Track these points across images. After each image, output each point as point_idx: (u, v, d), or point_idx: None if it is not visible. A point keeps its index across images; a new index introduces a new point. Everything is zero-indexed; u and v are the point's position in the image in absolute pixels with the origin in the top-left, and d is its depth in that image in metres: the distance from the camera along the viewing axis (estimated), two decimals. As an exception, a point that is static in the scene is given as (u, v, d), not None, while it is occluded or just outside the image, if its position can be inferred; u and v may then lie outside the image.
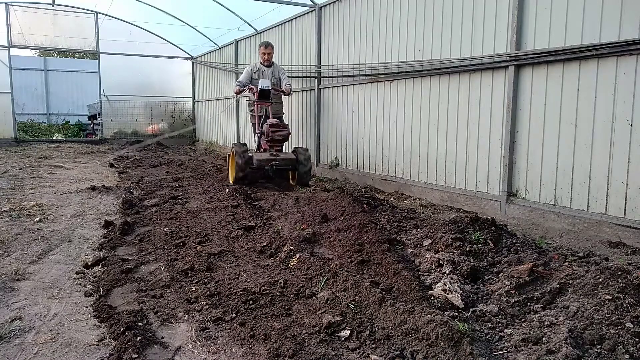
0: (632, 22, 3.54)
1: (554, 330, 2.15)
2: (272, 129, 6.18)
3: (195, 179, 7.10)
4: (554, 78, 4.16)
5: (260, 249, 3.64)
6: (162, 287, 3.04)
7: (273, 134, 6.19)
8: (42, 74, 18.80)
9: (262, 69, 7.12)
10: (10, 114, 12.42)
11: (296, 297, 2.77)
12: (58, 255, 3.72)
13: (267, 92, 6.57)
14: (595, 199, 3.88)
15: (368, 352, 2.20)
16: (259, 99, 6.63)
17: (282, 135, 6.26)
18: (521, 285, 2.64)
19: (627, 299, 2.23)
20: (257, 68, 7.14)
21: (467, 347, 2.02)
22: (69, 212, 5.11)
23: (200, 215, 4.73)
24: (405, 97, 5.89)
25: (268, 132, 6.18)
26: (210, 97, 13.19)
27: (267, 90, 6.54)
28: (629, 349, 1.98)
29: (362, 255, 3.13)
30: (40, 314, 2.69)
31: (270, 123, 6.23)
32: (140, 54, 13.81)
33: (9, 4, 12.19)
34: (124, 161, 9.75)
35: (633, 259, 3.27)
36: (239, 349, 2.28)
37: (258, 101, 6.70)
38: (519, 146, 4.49)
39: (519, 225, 4.34)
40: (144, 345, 2.28)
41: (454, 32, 5.09)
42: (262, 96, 6.58)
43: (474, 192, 4.96)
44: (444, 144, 5.35)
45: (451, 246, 3.16)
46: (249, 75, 7.08)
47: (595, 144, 3.86)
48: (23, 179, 7.00)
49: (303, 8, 7.95)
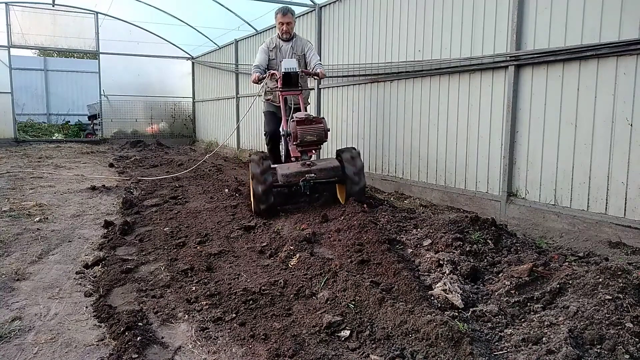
0: (632, 22, 3.54)
1: (554, 330, 2.15)
2: (300, 127, 4.41)
3: (195, 179, 7.10)
4: (554, 78, 4.16)
5: (260, 249, 3.64)
6: (162, 287, 3.04)
7: (303, 133, 4.42)
8: (42, 74, 18.82)
9: (279, 45, 5.40)
10: (10, 114, 12.42)
11: (296, 297, 2.77)
12: (58, 255, 3.72)
13: (294, 76, 4.80)
14: (595, 199, 3.88)
15: (368, 352, 2.20)
16: (283, 86, 4.85)
17: (317, 134, 4.48)
18: (521, 285, 2.64)
19: (627, 299, 2.23)
20: (274, 44, 5.42)
21: (467, 347, 2.02)
22: (69, 212, 5.11)
23: (200, 215, 4.73)
24: (405, 97, 5.89)
25: (296, 133, 4.43)
26: (210, 97, 13.19)
27: (294, 74, 4.77)
28: (629, 349, 1.98)
29: (362, 255, 3.13)
30: (40, 314, 2.69)
31: (297, 119, 4.45)
32: (140, 54, 13.81)
33: (9, 4, 12.19)
34: (124, 161, 9.75)
35: (633, 259, 3.27)
36: (239, 349, 2.28)
37: (283, 90, 4.88)
38: (519, 146, 4.49)
39: (519, 225, 4.34)
40: (144, 345, 2.28)
41: (454, 32, 5.09)
42: (288, 82, 4.81)
43: (474, 192, 4.96)
44: (444, 144, 5.35)
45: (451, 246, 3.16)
46: (265, 56, 5.38)
47: (595, 144, 3.86)
48: (23, 179, 7.00)
49: (303, 8, 7.95)
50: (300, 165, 4.38)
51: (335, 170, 4.42)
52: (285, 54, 5.36)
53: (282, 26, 5.34)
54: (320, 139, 4.52)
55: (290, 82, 4.81)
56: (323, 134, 4.50)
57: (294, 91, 4.94)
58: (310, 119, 4.49)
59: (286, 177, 4.30)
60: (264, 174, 4.33)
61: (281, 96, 4.96)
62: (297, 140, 4.44)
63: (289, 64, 4.77)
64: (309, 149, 4.59)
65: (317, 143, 4.56)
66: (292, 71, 4.71)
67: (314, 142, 4.51)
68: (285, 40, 5.40)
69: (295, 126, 4.42)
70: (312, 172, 4.30)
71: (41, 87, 18.85)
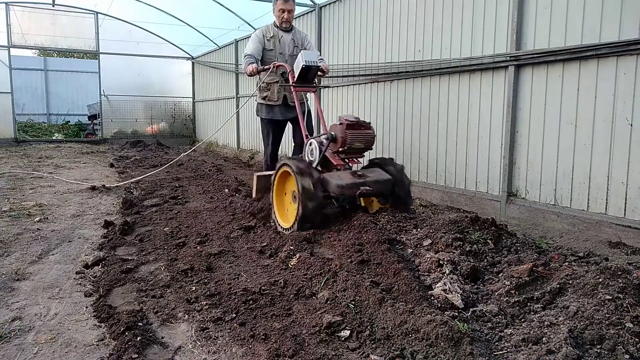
0: (632, 22, 3.54)
1: (554, 330, 2.14)
2: (350, 132, 3.86)
3: (195, 179, 7.10)
4: (554, 78, 4.16)
5: (260, 249, 3.64)
6: (162, 287, 3.04)
7: (352, 139, 3.88)
8: (42, 74, 18.82)
9: (279, 35, 4.96)
10: (10, 114, 12.43)
11: (296, 297, 2.77)
12: (58, 255, 3.71)
13: (313, 71, 4.33)
14: (595, 199, 3.88)
15: (368, 352, 2.20)
16: (299, 82, 4.38)
17: (366, 140, 3.98)
18: (521, 285, 2.64)
19: (627, 299, 2.23)
20: (272, 34, 4.94)
21: (467, 347, 2.02)
22: (69, 212, 5.11)
23: (200, 215, 4.73)
24: (405, 97, 5.89)
25: (344, 137, 3.86)
26: (210, 97, 13.19)
27: (315, 68, 4.31)
28: (629, 349, 1.98)
29: (362, 255, 3.13)
30: (40, 314, 2.69)
31: (348, 121, 3.88)
32: (140, 54, 13.82)
33: (9, 4, 12.19)
34: (124, 161, 9.75)
35: (633, 259, 3.27)
36: (239, 349, 2.28)
37: (298, 86, 4.42)
38: (519, 146, 4.49)
39: (519, 225, 4.34)
40: (144, 345, 2.28)
41: (454, 32, 5.09)
42: (304, 77, 4.35)
43: (474, 192, 4.96)
44: (444, 144, 5.35)
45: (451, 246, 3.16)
46: (260, 45, 4.87)
47: (595, 144, 3.86)
48: (23, 179, 7.00)
49: (303, 8, 7.95)
50: (351, 175, 3.79)
51: (388, 184, 3.88)
52: (286, 45, 4.93)
53: (283, 14, 4.89)
54: (368, 146, 4.03)
55: (307, 77, 4.34)
56: (372, 141, 4.02)
57: (309, 88, 4.46)
58: (361, 123, 3.95)
59: (341, 189, 3.66)
60: (317, 187, 3.62)
61: (295, 93, 4.45)
62: (345, 147, 3.87)
63: (311, 56, 4.25)
64: (353, 156, 4.08)
65: (363, 151, 4.07)
66: (314, 65, 4.23)
67: (361, 149, 4.01)
68: (285, 31, 4.96)
69: (344, 130, 3.85)
70: (367, 183, 3.74)
71: (41, 87, 18.86)
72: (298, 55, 4.33)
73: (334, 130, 3.97)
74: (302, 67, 4.24)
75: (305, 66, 4.22)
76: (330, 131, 4.01)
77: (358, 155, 4.11)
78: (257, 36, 4.90)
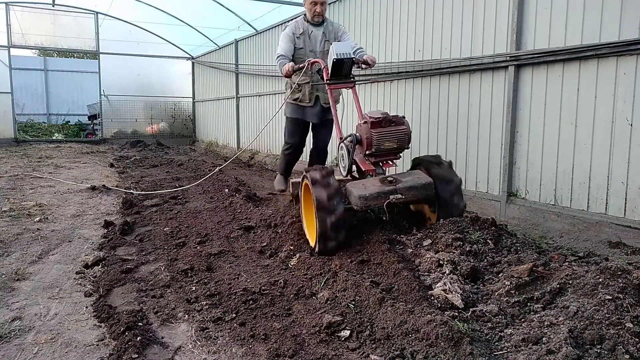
0: (632, 22, 3.54)
1: (554, 330, 2.14)
2: (376, 131, 3.36)
3: (195, 179, 7.10)
4: (554, 78, 4.16)
5: (260, 249, 3.64)
6: (162, 287, 3.04)
7: (379, 139, 3.37)
8: (42, 74, 18.81)
9: (308, 31, 4.50)
10: (10, 114, 12.43)
11: (296, 297, 2.78)
12: (58, 255, 3.72)
13: (347, 64, 3.79)
14: (595, 199, 3.88)
15: (368, 352, 2.20)
16: (333, 78, 3.87)
17: (398, 138, 3.43)
18: (521, 285, 2.64)
19: (627, 299, 2.23)
20: (301, 30, 4.49)
21: (467, 347, 2.02)
22: (69, 212, 5.11)
23: (200, 215, 4.73)
24: (405, 97, 5.89)
25: (370, 139, 3.36)
26: (210, 97, 13.19)
27: (349, 60, 3.75)
28: (629, 349, 1.98)
29: (362, 255, 3.13)
30: (40, 314, 2.69)
31: (373, 118, 3.36)
32: (140, 54, 13.82)
33: (9, 4, 12.19)
34: (124, 161, 9.75)
35: (633, 259, 3.27)
36: (239, 349, 2.28)
37: (332, 83, 3.90)
38: (519, 146, 4.49)
39: (519, 225, 4.34)
40: (144, 345, 2.28)
41: (454, 32, 5.09)
42: (338, 72, 3.83)
43: (474, 192, 4.96)
44: (444, 144, 5.35)
45: (451, 246, 3.16)
46: (291, 44, 4.47)
47: (595, 144, 3.86)
48: (23, 179, 7.00)
49: (303, 8, 7.94)
50: (380, 182, 3.27)
51: (428, 189, 3.31)
52: (317, 41, 4.47)
53: (315, 7, 4.41)
54: (402, 145, 3.45)
55: (340, 72, 3.80)
56: (405, 138, 3.44)
57: (344, 84, 3.92)
58: (389, 118, 3.37)
59: (365, 200, 3.16)
60: (334, 198, 3.12)
61: (330, 92, 3.93)
62: (372, 149, 3.36)
63: (343, 47, 3.72)
64: (386, 159, 3.52)
65: (397, 151, 3.49)
66: (347, 57, 3.68)
67: (393, 150, 3.44)
68: (316, 25, 4.48)
69: (369, 129, 3.32)
70: (399, 191, 3.19)
71: (41, 87, 18.85)
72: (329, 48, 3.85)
73: (359, 130, 3.49)
74: (333, 61, 3.72)
75: (337, 59, 3.68)
76: (355, 132, 3.53)
77: (392, 157, 3.55)
78: (288, 34, 4.51)
